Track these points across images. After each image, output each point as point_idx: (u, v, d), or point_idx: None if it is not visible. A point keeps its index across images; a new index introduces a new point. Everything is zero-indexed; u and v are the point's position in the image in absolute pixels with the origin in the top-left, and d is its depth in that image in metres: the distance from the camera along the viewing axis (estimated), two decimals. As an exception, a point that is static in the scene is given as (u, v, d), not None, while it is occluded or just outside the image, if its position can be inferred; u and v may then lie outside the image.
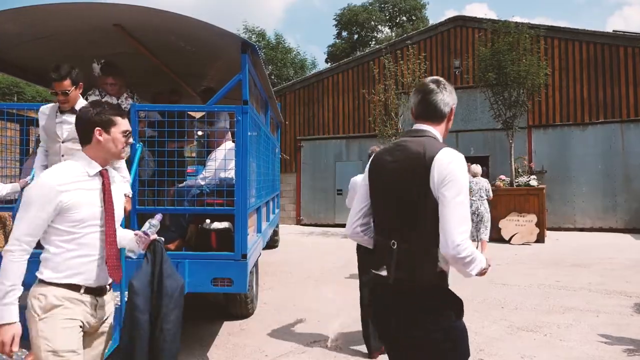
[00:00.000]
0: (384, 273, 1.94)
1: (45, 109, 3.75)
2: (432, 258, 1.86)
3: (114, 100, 4.53)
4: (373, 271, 2.02)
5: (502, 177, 12.64)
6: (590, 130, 13.89)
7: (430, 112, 2.02)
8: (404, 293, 1.90)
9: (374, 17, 35.27)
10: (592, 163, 13.78)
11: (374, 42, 33.73)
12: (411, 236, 1.89)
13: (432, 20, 34.41)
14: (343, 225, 16.18)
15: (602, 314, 5.51)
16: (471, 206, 9.47)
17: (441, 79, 2.09)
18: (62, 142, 3.62)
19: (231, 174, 4.30)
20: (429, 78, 2.11)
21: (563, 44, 14.17)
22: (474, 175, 9.65)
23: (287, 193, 16.71)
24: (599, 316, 5.44)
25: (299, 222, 16.75)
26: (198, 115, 4.31)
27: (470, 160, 11.66)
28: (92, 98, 4.50)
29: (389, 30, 35.90)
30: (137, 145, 4.09)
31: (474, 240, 9.40)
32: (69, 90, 3.54)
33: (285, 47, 34.80)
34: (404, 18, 36.24)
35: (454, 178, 1.82)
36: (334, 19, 36.03)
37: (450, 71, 15.23)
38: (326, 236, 13.76)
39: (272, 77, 31.87)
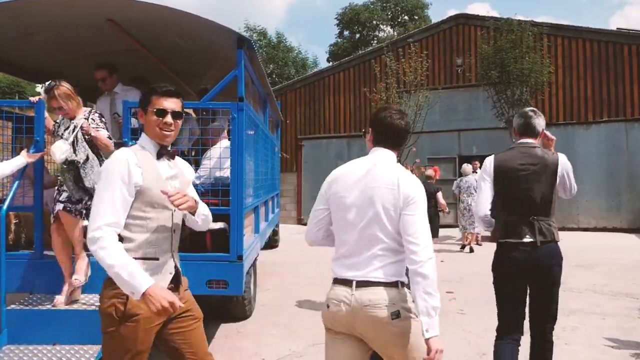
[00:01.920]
0: (528, 239, 2.95)
1: (128, 154, 2.17)
2: (554, 224, 3.05)
3: (66, 124, 3.81)
4: (515, 240, 2.98)
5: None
6: (594, 129, 13.74)
7: (530, 130, 3.08)
8: (547, 249, 3.00)
9: (376, 16, 35.08)
10: (596, 162, 13.62)
11: (375, 42, 33.56)
12: (545, 212, 3.00)
13: (434, 20, 34.23)
14: (344, 225, 16.12)
15: (608, 317, 5.39)
16: (463, 202, 10.45)
17: (536, 109, 3.16)
18: (174, 211, 2.27)
19: (227, 173, 4.20)
20: (528, 108, 3.18)
21: (566, 41, 14.02)
22: (465, 174, 10.43)
23: (288, 192, 16.61)
24: (604, 319, 5.33)
25: (299, 221, 16.64)
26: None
27: (472, 159, 11.57)
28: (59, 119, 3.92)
29: (390, 30, 35.73)
30: (131, 143, 3.98)
31: (465, 231, 10.30)
32: (179, 112, 2.28)
33: (286, 45, 34.69)
34: (406, 17, 36.05)
35: (570, 169, 3.07)
36: (336, 18, 35.87)
37: (453, 69, 15.11)
38: (327, 236, 13.63)
39: (274, 76, 31.74)
